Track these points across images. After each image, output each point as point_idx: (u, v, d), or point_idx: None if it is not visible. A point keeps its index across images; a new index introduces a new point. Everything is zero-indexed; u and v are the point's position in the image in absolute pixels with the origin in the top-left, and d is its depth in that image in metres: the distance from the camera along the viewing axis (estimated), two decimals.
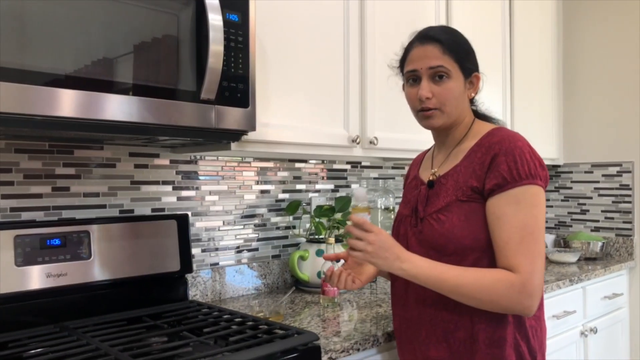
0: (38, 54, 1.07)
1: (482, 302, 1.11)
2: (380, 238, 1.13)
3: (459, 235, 1.16)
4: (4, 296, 1.30)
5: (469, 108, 1.29)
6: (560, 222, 3.02)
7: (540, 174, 1.13)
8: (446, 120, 1.24)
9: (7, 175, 1.42)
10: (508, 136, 1.17)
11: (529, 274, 1.08)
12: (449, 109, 1.22)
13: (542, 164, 1.16)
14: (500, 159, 1.13)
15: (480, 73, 1.27)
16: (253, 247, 1.96)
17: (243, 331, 1.31)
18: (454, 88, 1.21)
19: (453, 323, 1.18)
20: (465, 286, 1.10)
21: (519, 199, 1.11)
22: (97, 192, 1.58)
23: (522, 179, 1.11)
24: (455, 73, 1.21)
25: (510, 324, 1.16)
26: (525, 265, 1.08)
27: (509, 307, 1.10)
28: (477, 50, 1.29)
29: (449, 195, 1.20)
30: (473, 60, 1.26)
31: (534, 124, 2.73)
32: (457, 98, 1.22)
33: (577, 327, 2.29)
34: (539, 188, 1.13)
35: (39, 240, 1.37)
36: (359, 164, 2.33)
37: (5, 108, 1.03)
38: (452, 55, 1.20)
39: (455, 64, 1.21)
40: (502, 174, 1.12)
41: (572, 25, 2.95)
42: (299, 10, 1.67)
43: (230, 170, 1.89)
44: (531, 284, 1.08)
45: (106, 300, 1.48)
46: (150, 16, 1.23)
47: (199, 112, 1.30)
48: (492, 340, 1.15)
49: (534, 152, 1.15)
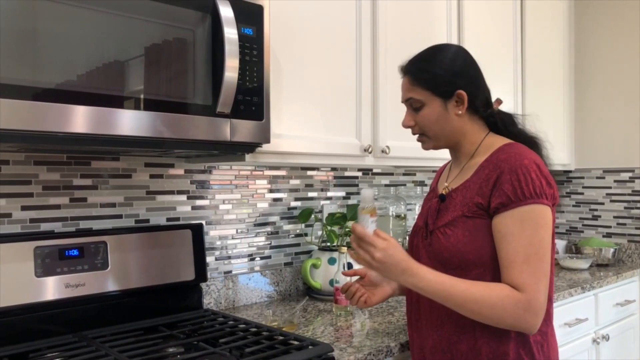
0: (53, 70, 1.09)
1: (488, 318, 1.12)
2: (387, 252, 1.14)
3: (463, 250, 1.18)
4: (25, 306, 1.33)
5: (468, 123, 1.27)
6: (571, 228, 3.02)
7: (546, 193, 1.13)
8: (436, 143, 1.29)
9: (27, 187, 1.45)
10: (515, 154, 1.17)
11: (535, 292, 1.10)
12: (432, 133, 1.27)
13: (550, 181, 1.16)
14: (505, 177, 1.14)
15: (466, 89, 1.23)
16: (266, 254, 1.98)
17: (258, 342, 1.33)
18: (429, 114, 1.25)
19: (457, 335, 1.20)
20: (471, 302, 1.11)
21: (524, 218, 1.12)
22: (114, 202, 1.60)
23: (526, 198, 1.12)
24: (428, 100, 1.24)
25: (513, 340, 1.17)
26: (530, 284, 1.10)
27: (513, 324, 1.11)
28: (488, 53, 1.29)
29: (457, 210, 1.21)
30: (450, 80, 1.23)
31: (546, 130, 2.66)
32: (438, 122, 1.25)
33: (589, 334, 2.29)
34: (545, 207, 1.13)
35: (58, 251, 1.40)
36: (370, 171, 2.34)
37: (22, 125, 1.05)
38: (420, 85, 1.24)
39: (426, 91, 1.24)
40: (506, 193, 1.13)
41: (584, 28, 2.94)
42: (312, 22, 1.69)
43: (243, 179, 1.91)
44: (537, 303, 1.10)
45: (123, 310, 1.50)
46: (166, 32, 1.25)
47: (215, 125, 1.32)
48: (495, 354, 1.17)
49: (541, 170, 1.15)
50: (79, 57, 1.12)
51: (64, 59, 1.10)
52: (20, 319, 1.33)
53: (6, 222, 1.41)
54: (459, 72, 1.25)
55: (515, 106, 2.49)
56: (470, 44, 2.22)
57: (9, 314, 1.31)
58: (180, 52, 1.27)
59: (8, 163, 1.42)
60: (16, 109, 1.04)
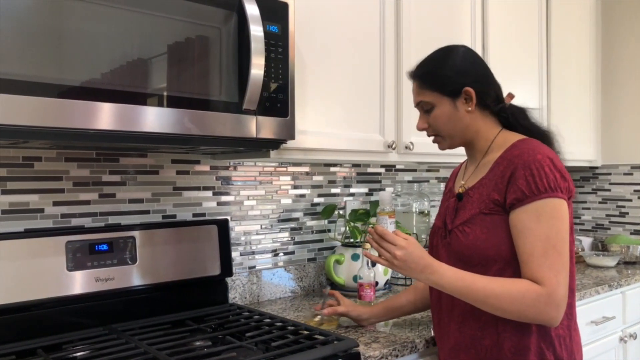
0: (80, 68, 1.11)
1: (509, 312, 1.13)
2: (408, 251, 1.17)
3: (482, 247, 1.19)
4: (57, 299, 1.37)
5: (479, 119, 1.28)
6: (597, 225, 2.97)
7: (560, 186, 1.14)
8: (451, 142, 1.31)
9: (58, 183, 1.48)
10: (528, 149, 1.18)
11: (555, 285, 1.11)
12: (445, 133, 1.30)
13: (565, 175, 1.16)
14: (519, 173, 1.15)
15: (474, 86, 1.25)
16: (289, 250, 2.00)
17: (284, 336, 1.34)
18: (440, 115, 1.28)
19: (480, 331, 1.21)
20: (492, 297, 1.13)
21: (540, 212, 1.13)
22: (142, 198, 1.63)
23: (540, 192, 1.13)
24: (437, 100, 1.27)
25: (535, 333, 1.18)
26: (550, 277, 1.11)
27: (535, 318, 1.13)
28: (512, 49, 1.29)
29: (474, 208, 1.23)
30: (456, 79, 1.26)
31: (571, 125, 2.68)
32: (449, 121, 1.28)
33: (617, 333, 2.26)
34: (560, 200, 1.14)
35: (88, 246, 1.43)
36: (393, 167, 2.34)
37: (50, 122, 1.07)
38: (428, 87, 1.28)
39: (435, 92, 1.27)
40: (520, 189, 1.14)
41: (611, 28, 2.89)
42: (336, 18, 1.69)
43: (267, 175, 1.93)
44: (557, 296, 1.11)
45: (150, 303, 1.53)
46: (193, 30, 1.27)
47: (241, 122, 1.33)
48: (517, 348, 1.18)
49: (555, 164, 1.16)
50: (110, 55, 1.14)
51: (91, 57, 1.12)
52: (52, 311, 1.37)
53: (39, 217, 1.45)
54: (464, 71, 1.27)
55: (540, 101, 2.47)
56: (494, 43, 2.21)
57: (42, 307, 1.35)
58: (206, 49, 1.29)
59: (40, 160, 1.46)
60: (45, 107, 1.06)
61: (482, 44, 2.18)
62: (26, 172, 1.44)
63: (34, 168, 1.45)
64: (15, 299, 1.31)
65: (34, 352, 1.27)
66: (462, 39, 2.09)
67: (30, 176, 1.44)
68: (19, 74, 1.03)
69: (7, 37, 1.02)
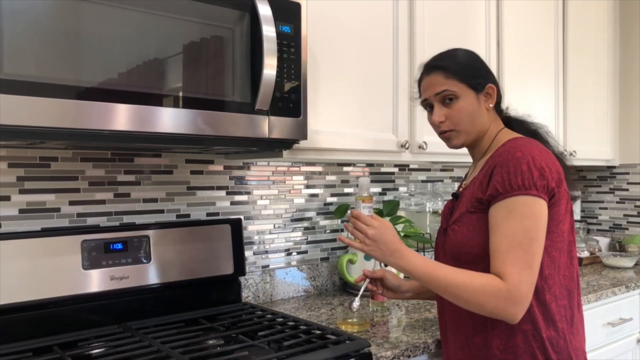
0: (96, 70, 1.13)
1: (469, 303, 1.14)
2: (379, 231, 1.22)
3: (469, 245, 1.21)
4: (73, 297, 1.39)
5: (492, 119, 1.31)
6: (615, 225, 2.93)
7: (536, 184, 1.13)
8: (466, 138, 1.29)
9: (74, 183, 1.50)
10: (512, 147, 1.18)
11: (516, 282, 1.10)
12: (464, 127, 1.27)
13: (545, 173, 1.14)
14: (497, 170, 1.17)
15: (494, 84, 1.28)
16: (302, 249, 2.00)
17: (296, 335, 1.35)
18: (464, 107, 1.25)
19: (472, 329, 1.23)
20: (453, 286, 1.14)
21: (510, 209, 1.13)
22: (156, 197, 1.65)
23: (513, 189, 1.13)
24: (463, 92, 1.25)
25: (524, 333, 1.17)
26: (512, 274, 1.10)
27: (494, 312, 1.12)
28: (527, 49, 1.29)
29: (463, 207, 1.25)
30: (482, 74, 1.28)
31: (588, 124, 2.65)
32: (471, 115, 1.26)
33: (634, 334, 2.22)
34: (534, 198, 1.13)
35: (103, 245, 1.45)
36: (406, 166, 2.33)
37: (67, 123, 1.09)
38: (456, 77, 1.25)
39: (461, 83, 1.25)
40: (495, 186, 1.16)
41: (629, 24, 2.84)
42: (349, 18, 1.69)
43: (280, 175, 1.93)
44: (518, 293, 1.10)
45: (164, 302, 1.55)
46: (206, 30, 1.27)
47: (253, 122, 1.34)
48: (506, 347, 1.18)
49: (535, 163, 1.14)
50: (124, 56, 1.16)
51: (106, 59, 1.13)
52: (68, 309, 1.39)
53: (55, 216, 1.47)
54: (486, 68, 1.31)
55: (556, 101, 2.45)
56: (509, 43, 2.20)
57: (58, 305, 1.37)
58: (219, 50, 1.30)
59: (57, 160, 1.48)
60: (62, 108, 1.08)
61: (497, 42, 2.16)
62: (43, 172, 1.46)
63: (51, 168, 1.47)
64: (32, 296, 1.33)
65: (50, 349, 1.29)
66: (476, 39, 2.08)
67: (46, 176, 1.46)
68: (36, 75, 1.05)
69: (23, 40, 1.03)
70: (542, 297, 1.17)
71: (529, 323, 1.16)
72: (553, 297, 1.18)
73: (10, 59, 1.02)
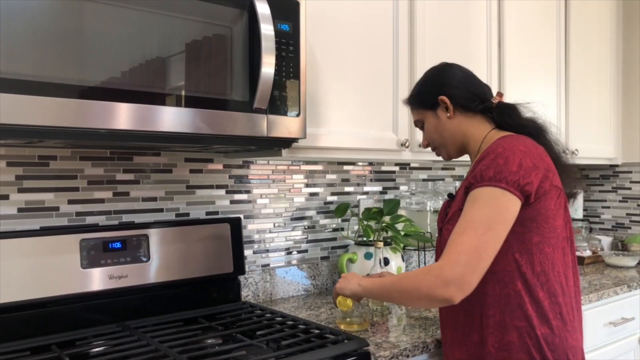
0: (97, 69, 1.12)
1: (409, 292, 1.16)
2: (344, 277, 1.38)
3: None
4: (71, 296, 1.39)
5: (468, 123, 1.33)
6: (618, 224, 2.91)
7: (507, 179, 1.13)
8: (447, 151, 1.39)
9: (73, 182, 1.50)
10: (497, 144, 1.21)
11: (451, 262, 1.09)
12: (439, 142, 1.39)
13: (518, 170, 1.14)
14: (477, 165, 1.20)
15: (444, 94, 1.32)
16: (302, 248, 2.00)
17: (295, 335, 1.35)
18: (429, 127, 1.39)
19: (468, 326, 1.24)
20: (396, 283, 1.21)
21: (475, 197, 1.16)
22: (155, 196, 1.65)
23: (484, 180, 1.16)
24: (424, 116, 1.39)
25: (518, 330, 1.17)
26: (449, 254, 1.11)
27: (429, 294, 1.10)
28: (529, 48, 1.28)
29: (456, 206, 1.26)
30: (431, 91, 1.36)
31: (591, 123, 2.64)
32: (437, 130, 1.37)
33: (636, 334, 2.21)
34: (501, 191, 1.13)
35: (102, 244, 1.45)
36: (407, 165, 2.33)
37: (67, 122, 1.09)
38: (416, 107, 1.41)
39: (419, 109, 1.40)
40: (470, 178, 1.19)
41: (632, 23, 2.83)
42: (349, 16, 1.68)
43: (280, 173, 1.93)
44: (449, 271, 1.08)
45: (163, 301, 1.55)
46: (204, 29, 1.27)
47: (252, 121, 1.34)
48: (500, 344, 1.19)
49: (513, 159, 1.15)
50: (122, 55, 1.15)
51: (107, 58, 1.13)
52: (66, 308, 1.39)
53: (54, 215, 1.47)
54: (439, 82, 1.36)
55: (558, 100, 2.44)
56: (510, 42, 2.19)
57: (57, 303, 1.37)
58: (217, 49, 1.29)
59: (55, 159, 1.48)
60: (62, 107, 1.08)
61: (499, 42, 2.15)
62: (42, 171, 1.46)
63: (49, 167, 1.47)
64: (30, 295, 1.33)
65: (48, 348, 1.29)
66: (477, 38, 2.07)
67: (45, 175, 1.46)
68: (36, 74, 1.05)
69: (24, 39, 1.03)
70: (535, 294, 1.17)
71: (522, 320, 1.16)
72: (547, 295, 1.17)
73: (8, 57, 1.02)
